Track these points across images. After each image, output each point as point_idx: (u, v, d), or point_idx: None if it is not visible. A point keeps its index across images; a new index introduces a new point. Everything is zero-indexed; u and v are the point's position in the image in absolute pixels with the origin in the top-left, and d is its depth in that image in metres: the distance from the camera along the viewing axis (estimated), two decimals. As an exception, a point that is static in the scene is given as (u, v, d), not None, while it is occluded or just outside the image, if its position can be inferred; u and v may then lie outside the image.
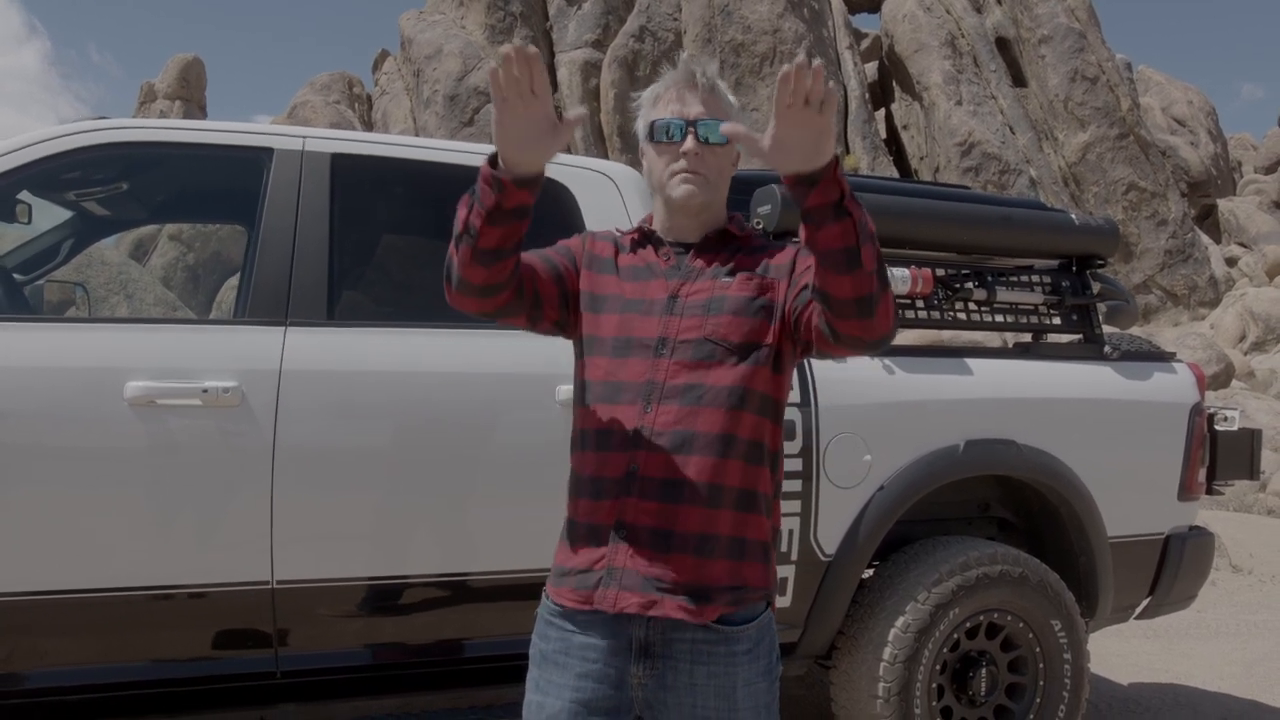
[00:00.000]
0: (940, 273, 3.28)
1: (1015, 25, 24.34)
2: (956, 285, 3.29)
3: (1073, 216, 3.53)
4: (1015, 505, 3.42)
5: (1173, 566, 3.41)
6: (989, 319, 3.40)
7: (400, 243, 3.24)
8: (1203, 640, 5.51)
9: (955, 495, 3.25)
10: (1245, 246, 25.49)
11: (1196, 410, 3.42)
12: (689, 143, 1.65)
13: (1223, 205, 27.41)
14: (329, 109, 24.78)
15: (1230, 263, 24.12)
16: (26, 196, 2.82)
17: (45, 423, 2.30)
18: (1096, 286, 3.54)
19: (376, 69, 26.43)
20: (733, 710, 1.61)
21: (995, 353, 3.41)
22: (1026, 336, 3.65)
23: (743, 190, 2.90)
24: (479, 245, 1.54)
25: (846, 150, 22.75)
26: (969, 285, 3.29)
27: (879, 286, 1.48)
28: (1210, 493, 3.60)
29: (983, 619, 3.07)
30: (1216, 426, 3.56)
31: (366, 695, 2.58)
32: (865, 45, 27.93)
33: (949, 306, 3.32)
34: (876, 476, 2.93)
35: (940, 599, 2.96)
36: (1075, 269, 3.54)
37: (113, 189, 3.11)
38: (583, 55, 23.05)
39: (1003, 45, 24.17)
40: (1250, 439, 3.66)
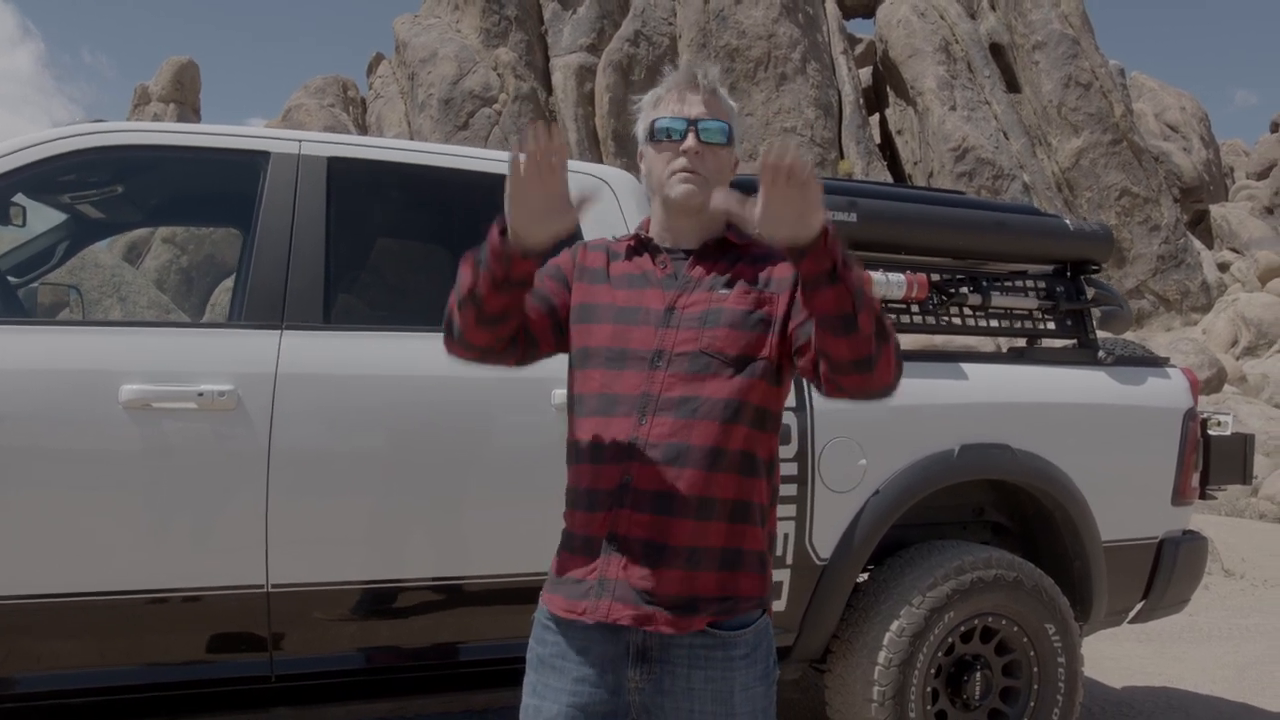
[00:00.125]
0: (935, 278, 3.30)
1: (1009, 31, 24.43)
2: (952, 290, 3.30)
3: (1067, 222, 3.55)
4: (1010, 510, 3.42)
5: (1166, 571, 3.43)
6: (984, 324, 3.41)
7: (397, 246, 3.24)
8: (1195, 644, 5.52)
9: (950, 500, 3.26)
10: (1237, 252, 25.59)
11: (1190, 415, 3.43)
12: (689, 141, 1.65)
13: (1215, 211, 27.52)
14: (323, 112, 24.77)
15: (1222, 268, 24.22)
16: (21, 199, 2.82)
17: (40, 425, 2.29)
18: (1091, 292, 3.55)
19: (371, 72, 26.45)
20: (730, 715, 1.61)
21: (990, 357, 3.42)
22: (1021, 341, 3.66)
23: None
24: (485, 311, 1.58)
25: (841, 155, 22.81)
26: (964, 290, 3.31)
27: (877, 347, 1.50)
28: (1204, 497, 3.61)
29: (977, 623, 3.07)
30: (1210, 431, 3.58)
31: (361, 699, 2.58)
32: (860, 50, 27.99)
33: (944, 311, 3.34)
34: (871, 481, 2.93)
35: (935, 603, 2.96)
36: (1070, 274, 3.55)
37: (109, 192, 3.11)
38: (577, 59, 23.08)
39: (996, 51, 24.26)
40: (1243, 444, 3.67)
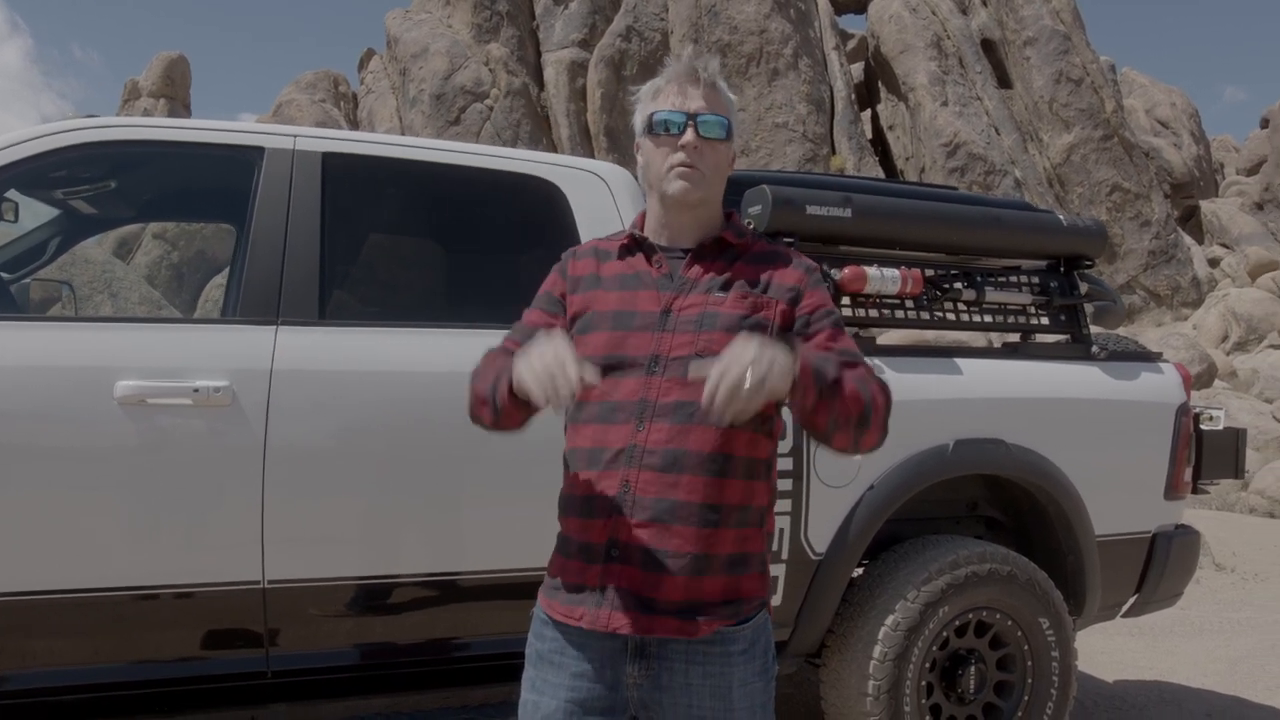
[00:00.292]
0: (929, 273, 3.30)
1: (1000, 27, 24.46)
2: (945, 285, 3.30)
3: (1061, 218, 3.55)
4: (1004, 504, 3.44)
5: (1159, 565, 3.44)
6: (978, 319, 3.42)
7: (392, 242, 3.23)
8: (1187, 638, 5.55)
9: (944, 494, 3.26)
10: (1227, 247, 25.70)
11: (1183, 410, 3.44)
12: (689, 135, 1.64)
13: (1205, 206, 27.62)
14: (314, 107, 24.67)
15: (1213, 263, 24.32)
16: (13, 195, 2.80)
17: (35, 422, 2.28)
18: (1084, 287, 3.56)
19: (362, 67, 26.33)
20: (729, 710, 1.61)
21: (984, 352, 3.43)
22: (1015, 337, 3.67)
23: (733, 190, 2.90)
24: (503, 425, 1.70)
25: (833, 151, 22.82)
26: (958, 285, 3.31)
27: (856, 429, 1.58)
28: (1196, 492, 3.63)
29: (971, 617, 3.08)
30: (1202, 426, 3.59)
31: (357, 695, 2.57)
32: (852, 46, 27.99)
33: (938, 307, 3.34)
34: (866, 476, 2.94)
35: (929, 597, 2.97)
36: (1063, 270, 3.56)
37: (101, 187, 3.10)
38: (569, 55, 23.02)
39: (988, 47, 24.28)
40: (1235, 438, 3.69)
